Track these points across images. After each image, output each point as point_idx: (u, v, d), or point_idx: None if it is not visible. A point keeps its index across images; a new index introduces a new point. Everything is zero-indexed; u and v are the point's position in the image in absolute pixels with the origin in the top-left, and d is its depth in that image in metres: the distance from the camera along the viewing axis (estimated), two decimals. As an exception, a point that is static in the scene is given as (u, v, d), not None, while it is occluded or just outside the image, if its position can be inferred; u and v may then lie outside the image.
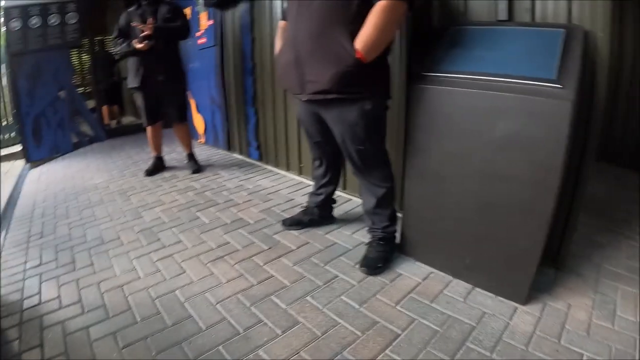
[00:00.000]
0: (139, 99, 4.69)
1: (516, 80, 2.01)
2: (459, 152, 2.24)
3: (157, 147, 5.12)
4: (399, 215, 2.77)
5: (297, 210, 3.42)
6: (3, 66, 8.68)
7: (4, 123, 9.42)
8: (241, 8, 4.84)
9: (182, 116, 4.97)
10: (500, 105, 2.03)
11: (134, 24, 4.33)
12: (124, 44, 4.48)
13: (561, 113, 1.86)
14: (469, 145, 2.19)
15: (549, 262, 2.44)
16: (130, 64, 4.59)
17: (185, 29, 4.59)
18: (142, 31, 4.27)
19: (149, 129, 4.92)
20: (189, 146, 5.13)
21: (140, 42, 4.25)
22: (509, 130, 2.01)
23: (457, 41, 2.38)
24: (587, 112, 2.18)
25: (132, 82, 4.60)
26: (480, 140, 2.13)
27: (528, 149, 1.98)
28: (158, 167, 5.13)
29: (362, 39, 2.16)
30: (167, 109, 4.83)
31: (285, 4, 2.76)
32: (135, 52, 4.41)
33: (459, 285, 2.37)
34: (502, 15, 2.43)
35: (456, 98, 2.19)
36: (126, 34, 4.53)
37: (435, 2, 2.75)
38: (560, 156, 1.90)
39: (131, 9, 4.55)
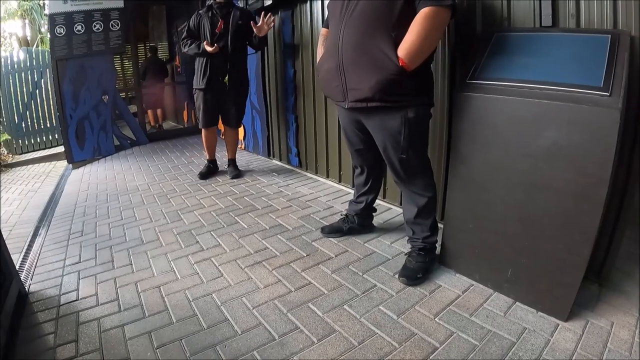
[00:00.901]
0: (199, 100, 4.74)
1: (561, 88, 1.96)
2: (503, 162, 2.19)
3: (212, 151, 5.17)
4: (440, 225, 2.73)
5: (337, 217, 3.39)
6: (48, 70, 8.97)
7: (48, 125, 9.74)
8: (282, 15, 4.87)
9: (239, 122, 5.02)
10: (545, 113, 1.98)
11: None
12: (193, 45, 4.55)
13: (608, 122, 1.79)
14: (513, 155, 2.13)
15: (593, 278, 2.35)
16: (197, 65, 4.66)
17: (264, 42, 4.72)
18: (213, 33, 4.37)
19: (204, 132, 4.98)
20: (233, 152, 5.18)
21: (211, 45, 4.32)
22: (554, 140, 1.96)
23: (501, 48, 2.33)
24: (635, 121, 2.11)
25: (197, 83, 4.68)
26: (524, 149, 2.08)
27: (574, 159, 1.92)
28: (212, 170, 5.18)
29: (406, 46, 2.15)
30: (225, 113, 4.86)
31: (327, 12, 2.75)
32: (203, 54, 4.47)
33: (500, 299, 2.31)
34: (547, 21, 2.36)
35: (500, 106, 2.15)
36: (194, 35, 4.62)
37: (478, 8, 2.70)
38: (607, 167, 1.83)
39: (202, 10, 4.62)
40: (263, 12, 4.42)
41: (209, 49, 4.27)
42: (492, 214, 2.31)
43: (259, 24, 4.35)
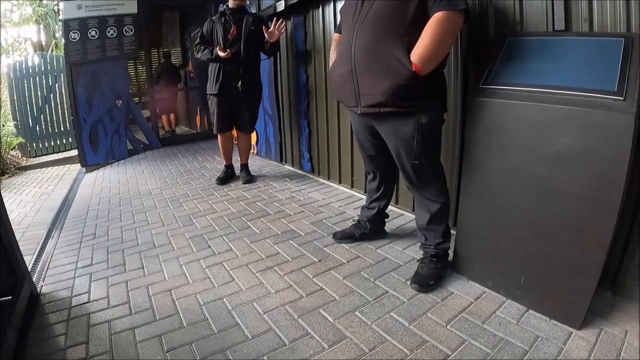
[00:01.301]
0: (213, 105, 4.77)
1: (575, 93, 1.94)
2: (517, 167, 2.17)
3: (228, 156, 5.19)
4: (453, 232, 2.71)
5: (349, 223, 3.38)
6: (62, 75, 9.07)
7: (62, 128, 9.84)
8: (295, 20, 4.89)
9: (252, 127, 5.05)
10: (559, 118, 1.96)
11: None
12: (206, 51, 4.59)
13: (623, 127, 1.77)
14: (527, 160, 2.11)
15: (607, 285, 2.32)
16: (210, 71, 4.70)
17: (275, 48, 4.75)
18: (226, 39, 4.42)
19: (219, 137, 5.02)
20: (246, 157, 5.20)
21: (223, 50, 4.36)
22: (569, 145, 1.94)
23: (514, 52, 2.32)
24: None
25: (210, 88, 4.72)
26: (538, 155, 2.06)
27: (588, 165, 1.89)
28: (229, 175, 5.20)
29: (419, 51, 2.15)
30: (239, 118, 4.87)
31: (340, 17, 2.75)
32: (216, 59, 4.50)
33: (513, 307, 2.28)
34: (559, 25, 2.34)
35: (514, 111, 2.13)
36: (207, 41, 4.67)
37: (491, 13, 2.69)
38: (622, 172, 1.80)
39: (215, 17, 4.66)
40: (275, 18, 4.44)
41: (221, 54, 4.31)
42: (505, 220, 2.29)
43: (271, 29, 4.37)
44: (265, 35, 4.38)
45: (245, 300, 2.48)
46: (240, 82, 4.58)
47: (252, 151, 6.54)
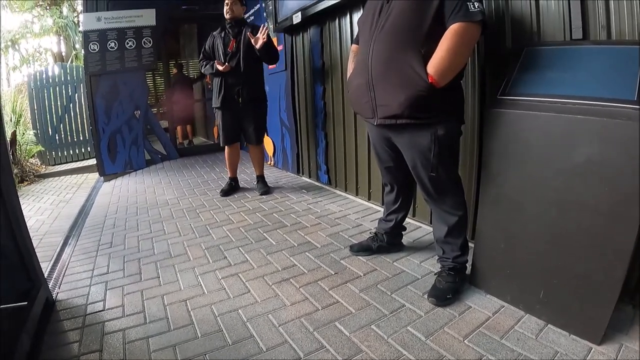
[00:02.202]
0: (218, 118, 4.84)
1: (594, 102, 1.91)
2: (535, 179, 2.14)
3: (233, 169, 5.22)
4: (471, 245, 2.68)
5: (366, 236, 3.36)
6: (82, 85, 9.21)
7: (81, 138, 9.98)
8: (311, 33, 4.90)
9: (259, 138, 5.00)
10: (577, 129, 1.94)
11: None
12: (208, 65, 4.69)
13: (643, 137, 1.74)
14: (545, 172, 2.09)
15: (627, 299, 2.26)
16: (214, 84, 4.78)
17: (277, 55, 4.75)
18: (226, 53, 4.51)
19: (226, 149, 5.05)
20: (261, 168, 5.20)
21: (221, 64, 4.44)
22: (588, 156, 1.91)
23: (532, 62, 2.30)
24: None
25: (214, 101, 4.79)
26: (557, 166, 2.03)
27: (608, 176, 1.86)
28: (233, 188, 5.22)
29: (435, 63, 2.14)
30: (245, 130, 4.90)
31: (357, 28, 2.76)
32: (218, 73, 4.57)
33: (531, 321, 2.24)
34: (577, 34, 2.32)
35: (532, 122, 2.11)
36: (209, 56, 4.78)
37: (508, 23, 2.67)
38: (643, 184, 1.77)
39: (216, 32, 4.77)
40: (262, 25, 4.52)
41: (220, 68, 4.38)
42: (524, 233, 2.25)
43: (256, 35, 4.42)
44: (252, 40, 4.42)
45: (260, 312, 2.47)
46: (240, 94, 4.61)
47: (269, 162, 6.59)
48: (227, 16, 4.60)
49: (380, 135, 2.64)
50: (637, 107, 1.78)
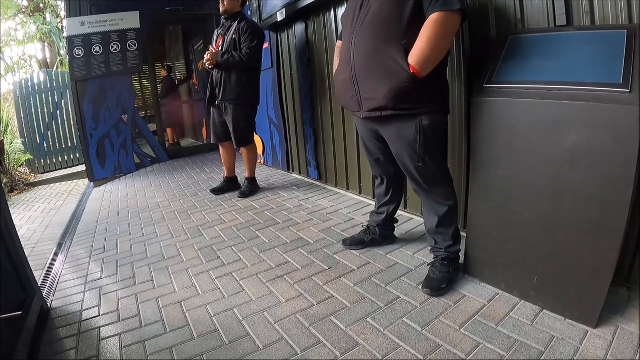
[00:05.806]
0: (209, 116, 4.83)
1: (580, 87, 1.93)
2: (525, 167, 2.15)
3: (227, 168, 5.15)
4: (463, 234, 2.69)
5: (358, 229, 3.37)
6: (68, 91, 9.17)
7: (69, 144, 9.95)
8: (296, 29, 4.90)
9: (238, 141, 4.70)
10: (565, 115, 1.95)
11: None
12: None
13: (630, 120, 1.75)
14: (534, 159, 2.10)
15: (621, 282, 2.29)
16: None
17: (241, 58, 4.39)
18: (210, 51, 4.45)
19: (220, 148, 5.03)
20: (249, 170, 4.96)
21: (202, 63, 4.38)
22: (576, 142, 1.92)
23: (517, 50, 2.31)
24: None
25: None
26: (546, 153, 2.05)
27: (596, 161, 1.88)
28: (224, 188, 5.12)
29: (416, 53, 2.16)
30: (229, 130, 4.71)
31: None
32: (208, 71, 4.58)
33: (527, 308, 2.25)
34: (561, 20, 2.33)
35: (519, 109, 2.13)
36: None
37: (491, 11, 2.69)
38: (631, 167, 1.78)
39: (219, 27, 4.73)
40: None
41: (200, 66, 4.35)
42: (516, 221, 2.26)
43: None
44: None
45: (255, 310, 2.47)
46: (221, 94, 4.51)
47: (259, 161, 6.54)
48: (220, 11, 4.50)
49: (367, 128, 2.65)
50: (624, 90, 1.79)
